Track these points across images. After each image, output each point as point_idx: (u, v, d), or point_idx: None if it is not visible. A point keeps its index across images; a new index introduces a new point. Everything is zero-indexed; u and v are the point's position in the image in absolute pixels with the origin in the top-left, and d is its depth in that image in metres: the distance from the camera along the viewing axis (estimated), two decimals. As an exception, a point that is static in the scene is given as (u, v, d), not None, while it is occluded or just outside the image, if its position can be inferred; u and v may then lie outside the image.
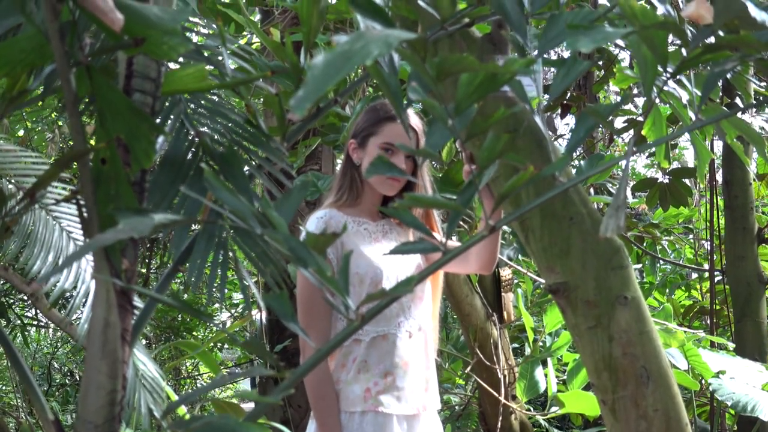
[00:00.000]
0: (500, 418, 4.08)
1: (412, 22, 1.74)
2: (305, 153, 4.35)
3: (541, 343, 4.17)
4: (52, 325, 7.35)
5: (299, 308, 2.20)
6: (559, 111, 5.25)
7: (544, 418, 4.30)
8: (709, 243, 6.48)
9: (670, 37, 1.16)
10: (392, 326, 2.25)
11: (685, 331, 3.51)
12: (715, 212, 5.13)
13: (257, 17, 5.60)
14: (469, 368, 4.06)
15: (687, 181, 5.06)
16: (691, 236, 7.73)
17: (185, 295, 6.94)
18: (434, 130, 1.20)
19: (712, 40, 1.07)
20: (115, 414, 1.14)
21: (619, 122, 5.24)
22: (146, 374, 2.56)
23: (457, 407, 5.12)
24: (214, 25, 1.53)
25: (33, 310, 6.55)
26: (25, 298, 6.07)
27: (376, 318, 2.10)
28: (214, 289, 1.26)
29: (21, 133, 6.08)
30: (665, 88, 1.15)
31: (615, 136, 6.75)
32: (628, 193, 6.27)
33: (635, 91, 4.67)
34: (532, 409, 4.84)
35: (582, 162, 3.75)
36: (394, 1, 1.64)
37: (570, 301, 1.86)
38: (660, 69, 1.02)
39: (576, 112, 5.69)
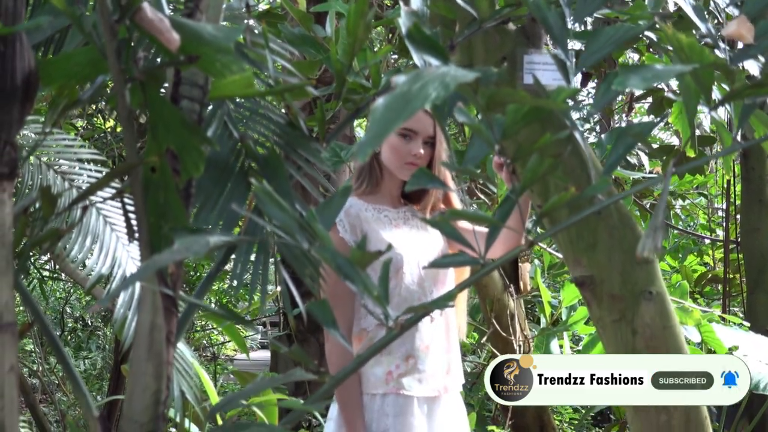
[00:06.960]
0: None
1: (450, 21, 1.75)
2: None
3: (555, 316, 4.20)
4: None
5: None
6: (580, 79, 5.22)
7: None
8: (722, 209, 6.46)
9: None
10: None
11: (702, 311, 3.53)
12: (731, 182, 5.13)
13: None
14: (485, 338, 4.11)
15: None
16: (703, 201, 7.73)
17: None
18: (474, 144, 1.22)
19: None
20: (160, 413, 1.18)
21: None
22: (178, 355, 2.60)
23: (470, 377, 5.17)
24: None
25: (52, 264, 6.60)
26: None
27: (399, 303, 2.15)
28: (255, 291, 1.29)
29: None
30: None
31: (635, 104, 6.72)
32: (644, 159, 6.28)
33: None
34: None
35: (603, 136, 3.75)
36: (433, 1, 1.65)
37: (595, 294, 1.89)
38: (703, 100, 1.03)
39: (596, 80, 5.65)
